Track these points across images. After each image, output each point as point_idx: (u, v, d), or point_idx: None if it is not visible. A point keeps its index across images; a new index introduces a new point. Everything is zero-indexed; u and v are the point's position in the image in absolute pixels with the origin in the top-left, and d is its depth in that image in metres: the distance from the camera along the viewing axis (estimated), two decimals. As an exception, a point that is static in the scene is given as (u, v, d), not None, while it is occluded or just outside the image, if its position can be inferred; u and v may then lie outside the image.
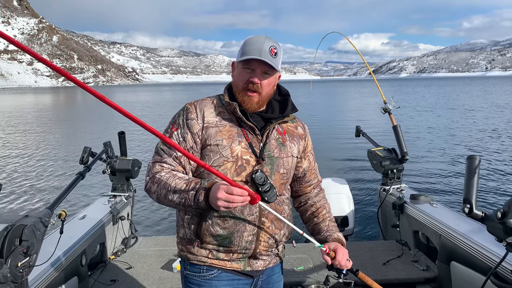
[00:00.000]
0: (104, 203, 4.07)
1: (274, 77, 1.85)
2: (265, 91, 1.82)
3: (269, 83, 1.83)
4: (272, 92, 1.90)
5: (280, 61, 1.83)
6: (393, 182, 4.32)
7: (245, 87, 1.81)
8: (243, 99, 1.81)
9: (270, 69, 1.79)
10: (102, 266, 3.66)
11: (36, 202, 8.73)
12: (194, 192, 1.68)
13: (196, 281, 1.88)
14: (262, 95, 1.82)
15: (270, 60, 1.75)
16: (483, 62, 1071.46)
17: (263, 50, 1.75)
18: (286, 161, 1.90)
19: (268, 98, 1.88)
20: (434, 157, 12.98)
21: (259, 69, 1.78)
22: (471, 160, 1.81)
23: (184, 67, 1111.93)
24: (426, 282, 3.45)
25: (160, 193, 1.77)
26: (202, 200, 1.66)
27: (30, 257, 2.09)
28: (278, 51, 1.80)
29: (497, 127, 20.22)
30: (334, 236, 1.96)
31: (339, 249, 1.87)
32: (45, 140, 18.10)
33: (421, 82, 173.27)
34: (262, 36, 1.82)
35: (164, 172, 1.80)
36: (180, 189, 1.72)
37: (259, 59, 1.74)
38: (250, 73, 1.80)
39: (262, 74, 1.79)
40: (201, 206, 1.68)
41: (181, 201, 1.72)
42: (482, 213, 1.77)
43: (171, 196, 1.74)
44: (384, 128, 15.68)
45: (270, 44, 1.77)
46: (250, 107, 1.82)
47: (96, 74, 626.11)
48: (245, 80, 1.80)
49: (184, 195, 1.71)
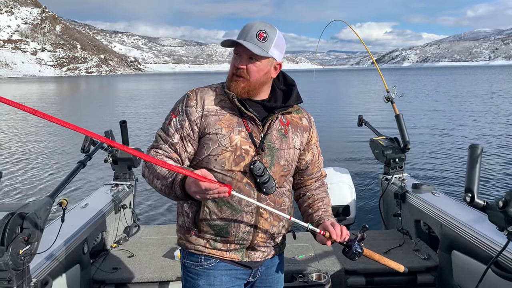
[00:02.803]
0: (106, 192, 4.08)
1: (266, 63, 1.77)
2: (253, 77, 1.76)
3: (258, 69, 1.76)
4: (265, 80, 1.81)
5: (272, 45, 1.74)
6: (395, 171, 4.31)
7: (234, 72, 1.78)
8: (230, 84, 1.79)
9: (256, 54, 1.72)
10: (104, 254, 3.68)
11: (37, 191, 8.76)
12: (172, 180, 1.68)
13: (194, 270, 1.87)
14: (250, 81, 1.76)
15: (253, 44, 1.70)
16: (486, 51, 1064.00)
17: (249, 34, 1.72)
18: (288, 152, 1.86)
19: (260, 86, 1.81)
20: (436, 146, 12.97)
21: (245, 54, 1.74)
22: (473, 149, 1.80)
23: (186, 56, 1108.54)
24: (427, 271, 3.46)
25: (149, 178, 1.78)
26: (178, 189, 1.65)
27: (32, 245, 2.10)
28: (268, 35, 1.73)
29: (499, 115, 20.15)
30: (325, 220, 1.88)
31: (330, 224, 1.80)
32: (47, 129, 18.12)
33: (424, 72, 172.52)
34: (257, 21, 1.78)
35: (157, 158, 1.78)
36: (163, 176, 1.71)
37: (236, 41, 1.71)
38: (238, 58, 1.77)
39: (248, 59, 1.74)
40: (178, 195, 1.67)
41: (162, 187, 1.72)
42: (484, 202, 1.76)
43: (156, 181, 1.74)
44: (387, 117, 15.63)
45: (260, 28, 1.72)
46: (236, 91, 1.77)
47: (99, 64, 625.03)
48: (233, 66, 1.79)
49: (164, 182, 1.71)
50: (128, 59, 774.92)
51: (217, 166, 1.76)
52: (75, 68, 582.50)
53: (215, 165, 1.76)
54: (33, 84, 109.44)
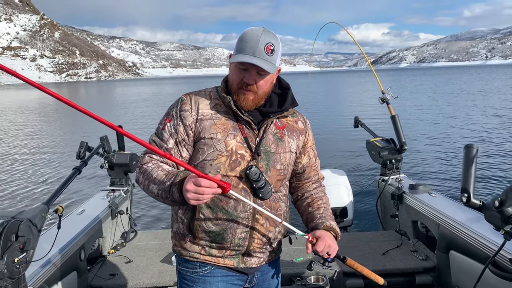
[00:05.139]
0: (103, 197, 4.07)
1: (271, 74, 1.75)
2: (261, 90, 1.75)
3: (265, 82, 1.74)
4: (270, 89, 1.82)
5: (278, 56, 1.72)
6: (391, 173, 4.31)
7: (239, 86, 1.73)
8: (238, 98, 1.75)
9: (267, 72, 1.70)
10: (102, 260, 3.66)
11: (33, 199, 8.71)
12: (170, 183, 1.65)
13: (190, 277, 1.86)
14: (258, 94, 1.75)
15: (265, 60, 1.66)
16: (483, 50, 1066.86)
17: (257, 49, 1.65)
18: (284, 156, 1.84)
19: (266, 95, 1.81)
20: (432, 147, 12.96)
21: (254, 69, 1.69)
22: (469, 149, 1.79)
23: (184, 60, 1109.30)
24: (425, 271, 3.45)
25: (144, 183, 1.75)
26: (176, 192, 1.62)
27: (27, 253, 2.08)
28: (275, 47, 1.69)
29: (494, 115, 20.18)
30: (326, 224, 1.87)
31: (322, 237, 1.77)
32: (42, 135, 18.09)
33: (421, 72, 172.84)
34: (259, 30, 1.70)
35: (151, 163, 1.77)
36: (160, 180, 1.69)
37: (251, 63, 1.65)
38: (244, 72, 1.71)
39: (256, 73, 1.70)
40: (176, 199, 1.64)
41: (159, 192, 1.69)
42: (480, 202, 1.75)
43: (152, 187, 1.71)
44: (383, 118, 15.65)
45: (266, 41, 1.66)
46: (245, 105, 1.75)
47: (98, 69, 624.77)
48: (239, 80, 1.73)
49: (161, 186, 1.68)
50: (127, 64, 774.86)
51: (213, 171, 1.74)
52: (75, 74, 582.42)
53: (210, 170, 1.74)
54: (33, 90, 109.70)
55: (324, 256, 1.79)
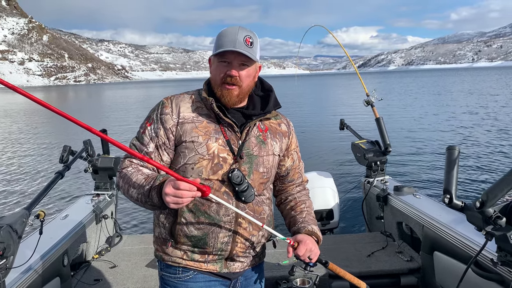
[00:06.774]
0: (87, 202, 4.03)
1: (254, 68, 1.76)
2: (245, 83, 1.74)
3: (248, 74, 1.74)
4: (253, 84, 1.82)
5: (257, 50, 1.74)
6: (377, 174, 4.34)
7: (223, 81, 1.72)
8: (222, 93, 1.73)
9: (247, 60, 1.70)
10: (86, 265, 3.62)
11: (14, 204, 8.54)
12: (149, 187, 1.62)
13: (172, 282, 1.83)
14: (242, 88, 1.74)
15: (246, 50, 1.67)
16: (469, 53, 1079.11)
17: (237, 41, 1.67)
18: (267, 159, 1.82)
19: (249, 91, 1.80)
20: (416, 149, 13.09)
21: (236, 60, 1.70)
22: (451, 151, 1.80)
23: (173, 63, 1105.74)
24: (410, 272, 3.47)
25: (124, 188, 1.73)
26: (155, 196, 1.59)
27: (7, 259, 2.05)
28: (253, 40, 1.72)
29: (477, 117, 20.42)
30: (308, 228, 1.87)
31: (304, 241, 1.77)
32: (25, 139, 17.82)
33: (408, 74, 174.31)
34: (235, 27, 1.73)
35: (131, 167, 1.75)
36: (139, 184, 1.66)
37: (234, 50, 1.66)
38: (227, 66, 1.71)
39: (239, 65, 1.71)
40: (155, 203, 1.61)
41: (138, 196, 1.67)
42: (462, 203, 1.76)
43: (131, 191, 1.69)
44: (368, 121, 15.75)
45: (245, 34, 1.69)
46: (230, 100, 1.73)
47: (87, 73, 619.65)
48: (223, 74, 1.71)
49: (140, 191, 1.65)
50: (116, 67, 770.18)
51: (194, 175, 1.72)
52: (63, 77, 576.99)
53: (192, 174, 1.72)
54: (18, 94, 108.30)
55: (306, 261, 1.78)
